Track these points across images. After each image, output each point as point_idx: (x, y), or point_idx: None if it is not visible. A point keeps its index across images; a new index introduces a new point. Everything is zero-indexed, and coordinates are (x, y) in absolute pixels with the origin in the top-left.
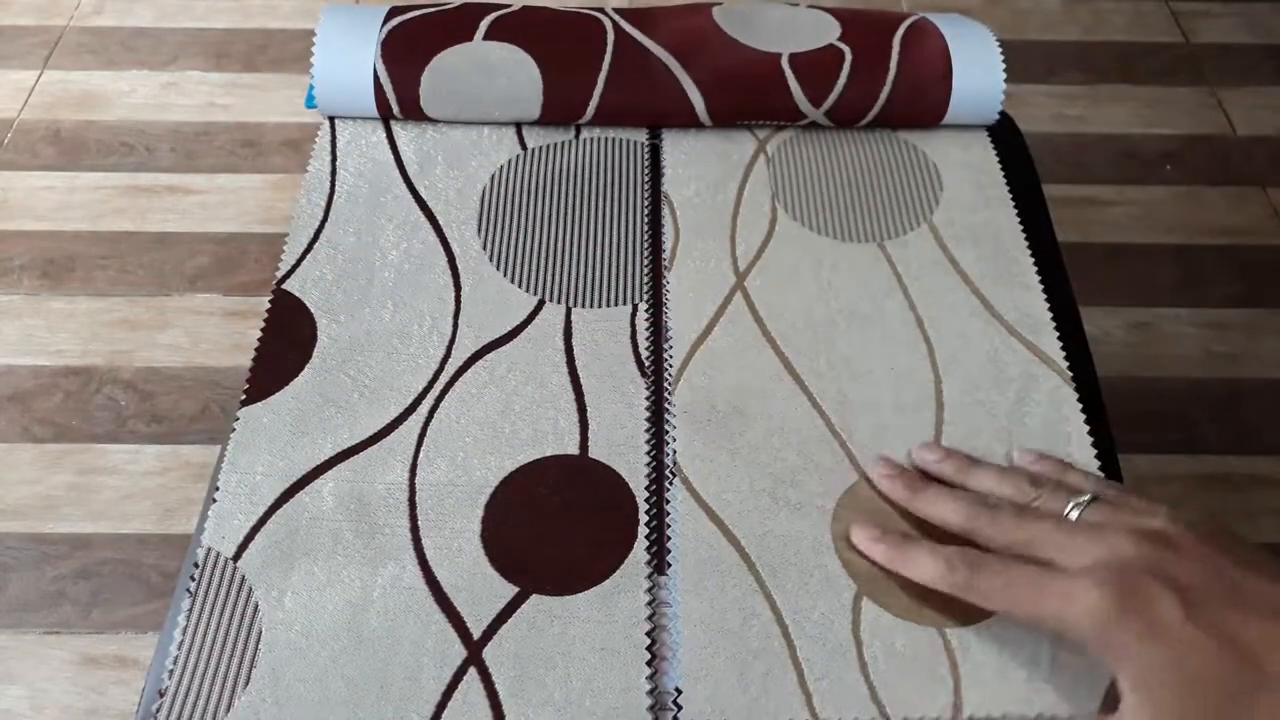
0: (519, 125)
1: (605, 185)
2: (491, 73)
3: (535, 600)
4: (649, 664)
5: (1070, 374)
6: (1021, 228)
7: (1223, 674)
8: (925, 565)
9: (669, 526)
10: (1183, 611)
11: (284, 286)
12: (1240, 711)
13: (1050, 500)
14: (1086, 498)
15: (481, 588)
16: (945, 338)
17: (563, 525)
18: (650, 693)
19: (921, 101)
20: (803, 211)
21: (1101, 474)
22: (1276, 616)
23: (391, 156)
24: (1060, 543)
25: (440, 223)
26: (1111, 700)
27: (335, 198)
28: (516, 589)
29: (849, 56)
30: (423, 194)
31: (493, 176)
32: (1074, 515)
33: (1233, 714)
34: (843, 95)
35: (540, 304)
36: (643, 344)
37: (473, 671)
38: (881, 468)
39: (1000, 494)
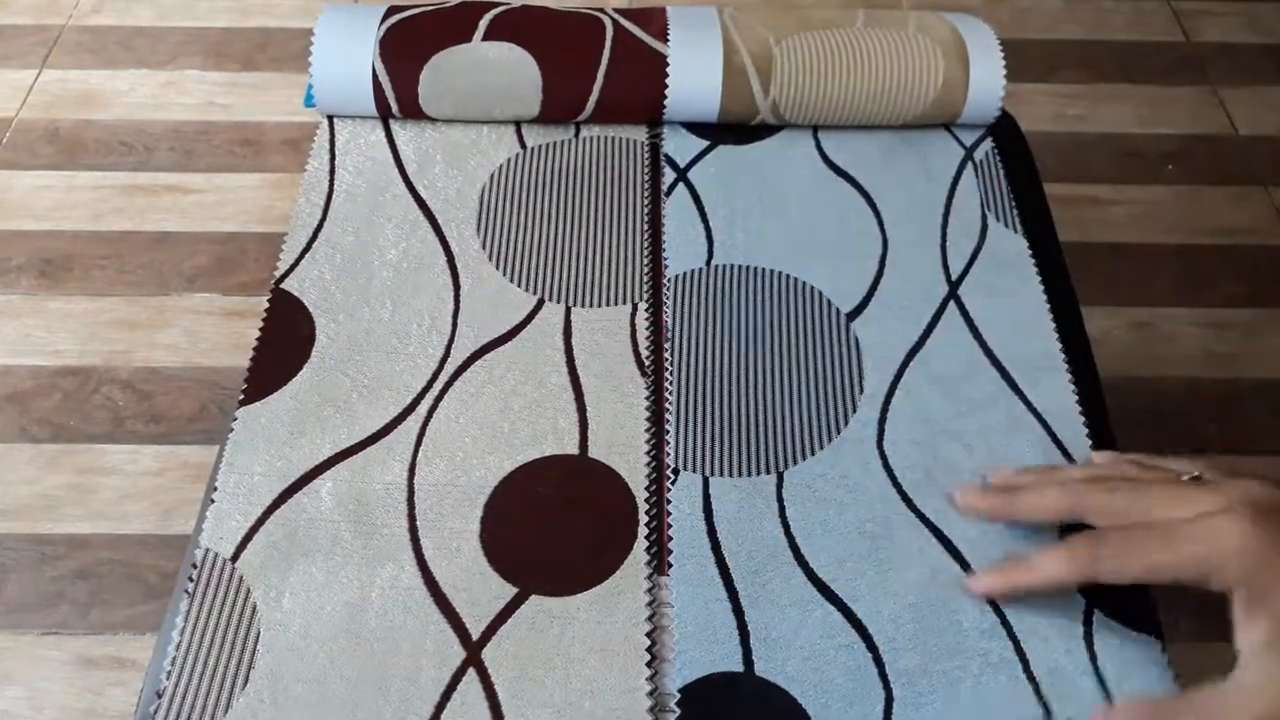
0: (518, 124)
1: (605, 184)
2: (490, 70)
3: (534, 601)
4: (649, 665)
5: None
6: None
7: None
8: (1048, 564)
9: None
10: None
11: (283, 286)
12: None
13: (1160, 474)
14: (1195, 472)
15: (480, 588)
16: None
17: (562, 525)
18: (650, 694)
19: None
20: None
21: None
22: None
23: (390, 155)
24: (1183, 497)
25: (439, 222)
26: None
27: (334, 197)
28: (516, 589)
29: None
30: (422, 193)
31: (492, 175)
32: (1187, 478)
33: None
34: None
35: (540, 303)
36: (643, 343)
37: (472, 672)
38: (963, 494)
39: (1108, 474)
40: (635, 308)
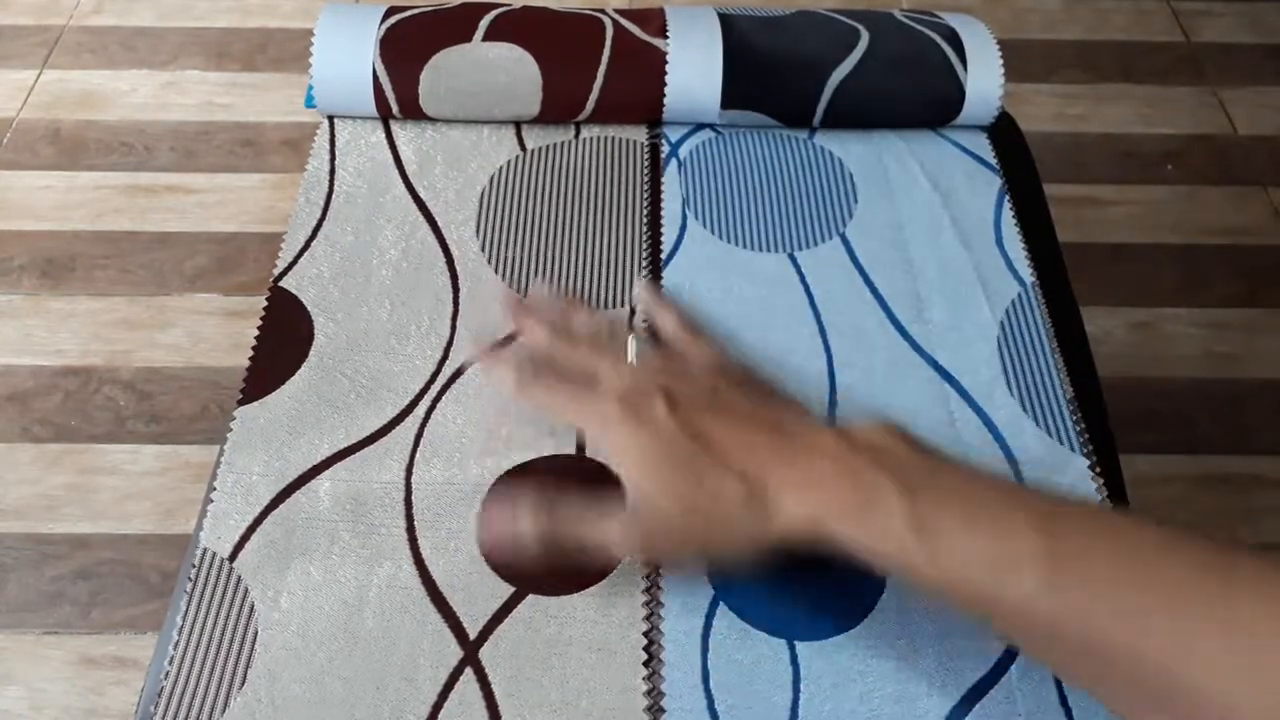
0: (519, 125)
1: (605, 186)
2: (490, 70)
3: (531, 600)
4: (645, 664)
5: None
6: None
7: (688, 454)
8: (500, 373)
9: None
10: (667, 411)
11: (281, 284)
12: (695, 483)
13: (617, 341)
14: (639, 339)
15: (478, 587)
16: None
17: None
18: (646, 693)
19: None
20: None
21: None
22: (738, 420)
23: (391, 156)
24: (608, 374)
25: (439, 223)
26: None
27: (334, 197)
28: (513, 589)
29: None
30: (421, 194)
31: (492, 177)
32: (632, 353)
33: (690, 484)
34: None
35: None
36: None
37: (469, 672)
38: (502, 299)
39: (584, 328)
40: (634, 310)
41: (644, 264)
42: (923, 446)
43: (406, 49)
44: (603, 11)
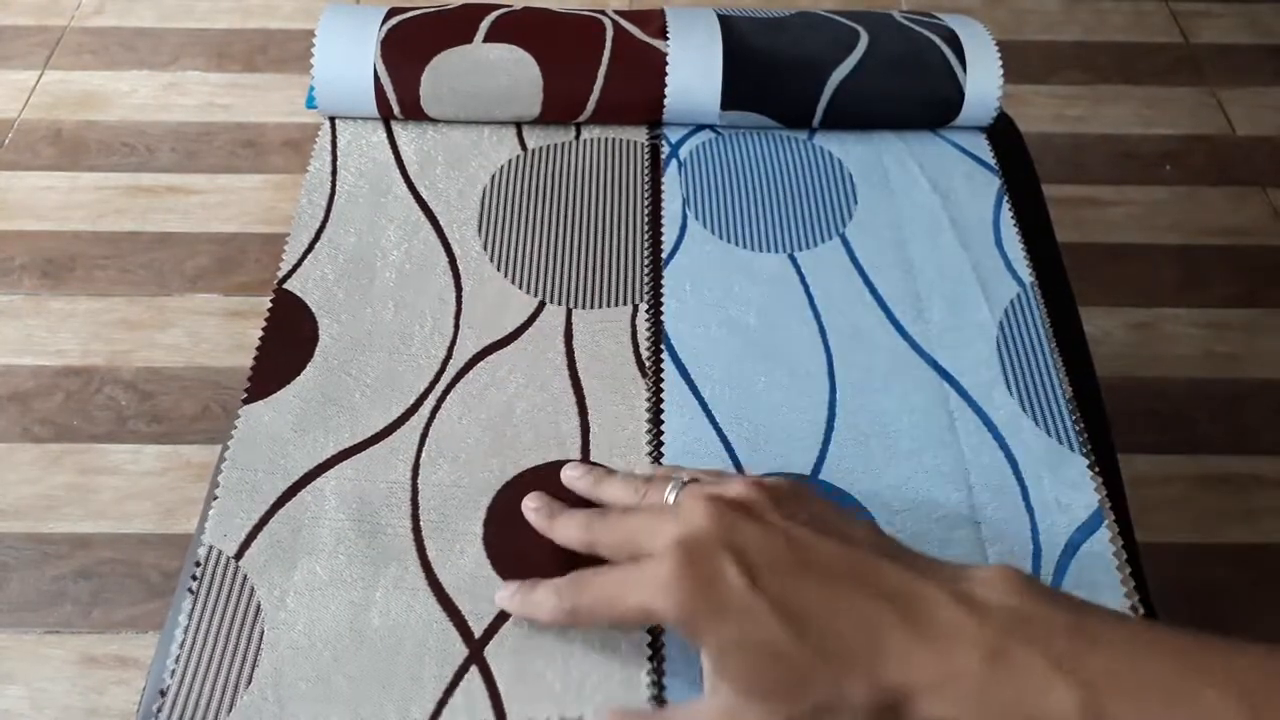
0: (519, 125)
1: (605, 186)
2: (491, 71)
3: None
4: (649, 659)
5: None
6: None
7: (784, 644)
8: (544, 607)
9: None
10: (747, 580)
11: (285, 286)
12: (798, 681)
13: (654, 493)
14: (684, 480)
15: (483, 586)
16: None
17: None
18: (651, 689)
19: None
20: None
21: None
22: (835, 581)
23: (392, 157)
24: (653, 529)
25: (441, 223)
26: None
27: (336, 198)
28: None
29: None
30: (423, 194)
31: (493, 177)
32: (671, 498)
33: (792, 684)
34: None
35: (541, 305)
36: (643, 344)
37: (474, 670)
38: (529, 500)
39: (619, 501)
40: (636, 309)
41: (645, 263)
42: (1052, 594)
43: (408, 50)
44: (603, 12)
